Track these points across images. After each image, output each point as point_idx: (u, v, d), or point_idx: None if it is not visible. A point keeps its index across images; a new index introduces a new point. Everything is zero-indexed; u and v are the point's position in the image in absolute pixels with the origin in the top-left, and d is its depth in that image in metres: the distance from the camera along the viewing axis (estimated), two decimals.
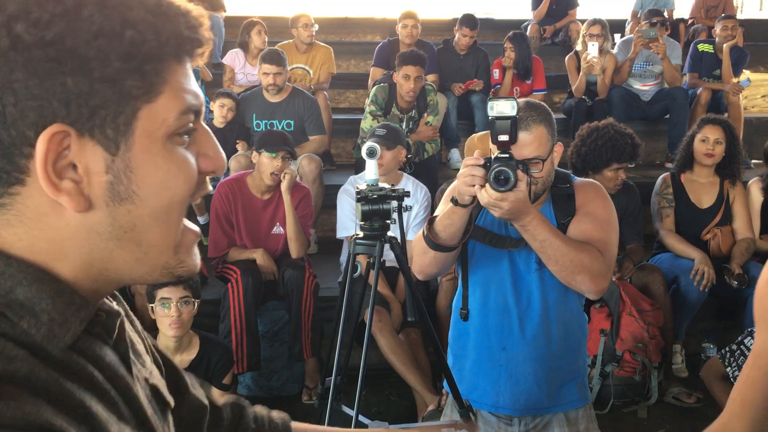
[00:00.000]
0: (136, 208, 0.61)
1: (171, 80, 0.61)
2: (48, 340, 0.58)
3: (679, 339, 3.83)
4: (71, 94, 0.56)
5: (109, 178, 0.59)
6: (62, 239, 0.60)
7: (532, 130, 1.93)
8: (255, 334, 3.47)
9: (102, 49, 0.56)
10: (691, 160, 3.96)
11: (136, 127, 0.60)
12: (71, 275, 0.61)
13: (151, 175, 0.61)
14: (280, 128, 4.85)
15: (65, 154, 0.58)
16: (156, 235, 0.63)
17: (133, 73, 0.59)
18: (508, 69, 5.75)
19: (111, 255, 0.62)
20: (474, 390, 2.13)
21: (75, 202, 0.58)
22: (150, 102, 0.60)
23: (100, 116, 0.58)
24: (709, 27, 6.99)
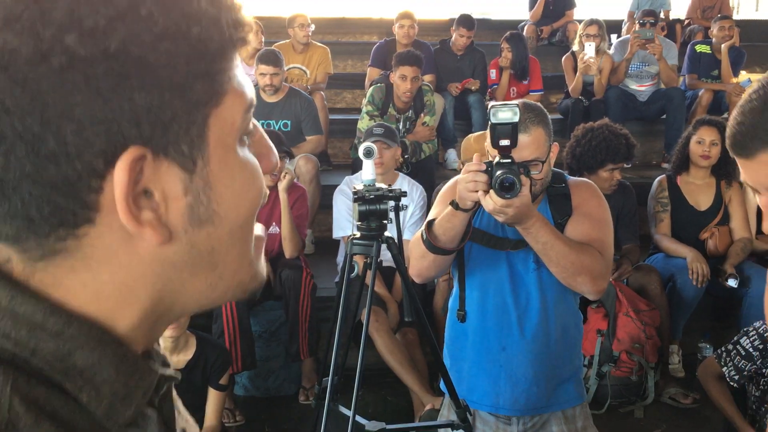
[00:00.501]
0: (216, 230, 0.52)
1: (233, 77, 0.52)
2: (108, 416, 0.49)
3: (676, 339, 3.84)
4: (141, 111, 0.46)
5: (189, 200, 0.50)
6: (133, 280, 0.50)
7: (531, 132, 1.94)
8: (248, 333, 3.46)
9: (169, 53, 0.47)
10: (687, 162, 3.96)
11: (209, 137, 0.50)
12: (137, 320, 0.51)
13: (229, 189, 0.52)
14: (277, 128, 4.85)
15: (141, 181, 0.47)
16: (233, 254, 0.54)
17: (203, 75, 0.49)
18: (505, 69, 5.75)
19: (183, 287, 0.53)
20: (473, 391, 2.13)
21: (158, 234, 0.49)
22: (217, 106, 0.51)
23: (174, 131, 0.48)
24: (705, 27, 7.01)
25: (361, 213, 2.14)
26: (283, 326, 3.74)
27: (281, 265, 3.62)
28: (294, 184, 3.79)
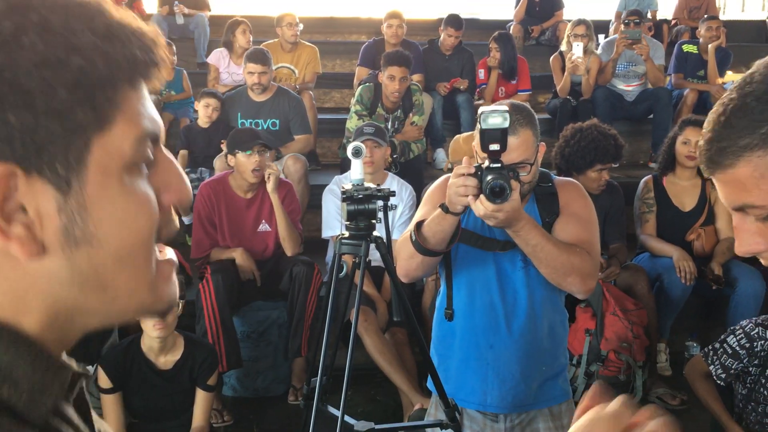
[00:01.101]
0: (96, 252, 0.54)
1: (125, 107, 0.55)
2: (28, 408, 0.53)
3: (663, 337, 3.85)
4: (15, 131, 0.50)
5: (63, 219, 0.53)
6: (23, 291, 0.54)
7: (519, 134, 1.94)
8: (232, 332, 3.45)
9: (46, 80, 0.50)
10: (673, 162, 3.97)
11: (89, 162, 0.53)
12: (38, 330, 0.55)
13: (109, 214, 0.54)
14: (265, 127, 4.83)
15: (14, 196, 0.51)
16: (123, 279, 0.57)
17: (83, 103, 0.52)
18: (494, 69, 5.76)
19: (76, 303, 0.56)
20: (461, 389, 2.14)
21: (26, 248, 0.52)
22: (103, 132, 0.54)
23: (49, 152, 0.51)
24: (692, 28, 7.05)
25: (349, 212, 2.14)
26: (272, 326, 3.73)
27: (291, 261, 3.61)
28: (280, 180, 3.78)
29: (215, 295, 3.39)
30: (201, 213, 3.63)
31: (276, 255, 3.73)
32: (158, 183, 0.59)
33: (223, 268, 3.50)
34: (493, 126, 1.75)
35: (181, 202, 0.62)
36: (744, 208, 0.77)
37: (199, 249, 3.65)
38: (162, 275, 0.60)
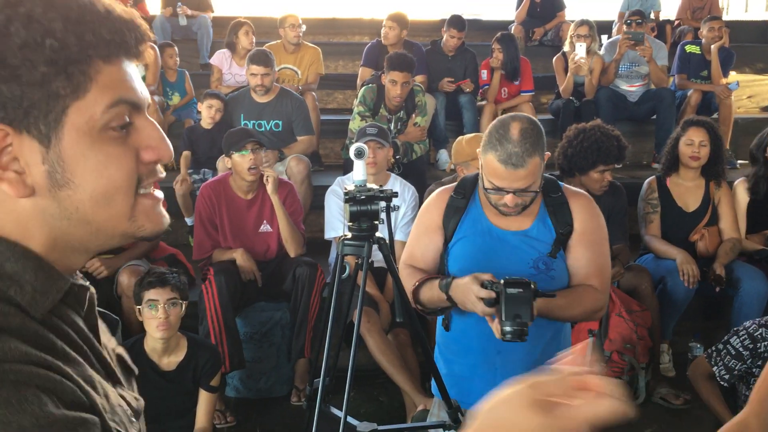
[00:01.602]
0: (75, 193, 0.71)
1: (99, 79, 0.70)
2: (31, 306, 0.68)
3: (666, 338, 3.85)
4: (6, 98, 0.66)
5: (47, 167, 0.69)
6: (25, 220, 0.70)
7: (528, 164, 1.92)
8: (234, 333, 3.45)
9: (28, 58, 0.66)
10: (676, 163, 3.96)
11: (65, 123, 0.69)
12: (42, 251, 0.71)
13: (81, 165, 0.70)
14: (268, 128, 4.84)
15: (8, 150, 0.68)
16: (102, 215, 0.73)
17: (58, 75, 0.68)
18: (496, 70, 5.76)
19: (68, 232, 0.72)
20: (469, 394, 2.14)
21: (15, 189, 0.69)
22: (78, 99, 0.69)
23: (33, 115, 0.68)
24: (695, 28, 7.04)
25: (352, 213, 2.14)
26: (275, 327, 3.72)
27: (294, 262, 3.61)
28: (280, 180, 3.78)
29: (218, 296, 3.39)
30: (202, 214, 3.63)
31: (279, 256, 3.73)
32: (138, 143, 0.74)
33: (226, 269, 3.50)
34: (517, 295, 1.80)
35: (161, 158, 0.76)
36: None
37: (201, 250, 3.66)
38: (142, 209, 0.75)
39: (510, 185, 1.92)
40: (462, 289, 1.90)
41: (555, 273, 2.05)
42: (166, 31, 6.80)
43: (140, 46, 0.73)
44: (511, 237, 2.06)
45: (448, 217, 2.12)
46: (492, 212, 2.06)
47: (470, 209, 2.11)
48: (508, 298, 1.80)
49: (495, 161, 1.91)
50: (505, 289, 1.81)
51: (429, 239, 2.15)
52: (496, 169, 1.92)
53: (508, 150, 1.88)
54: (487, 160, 1.94)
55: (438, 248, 2.14)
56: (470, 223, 2.10)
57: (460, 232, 2.10)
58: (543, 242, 2.06)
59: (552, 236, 2.06)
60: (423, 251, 2.16)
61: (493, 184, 1.96)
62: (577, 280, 2.08)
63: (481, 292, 1.84)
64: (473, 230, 2.09)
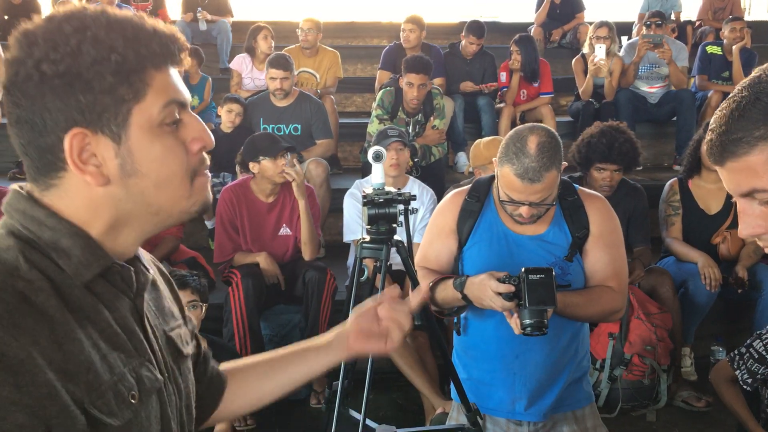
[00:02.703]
0: (141, 181, 0.86)
1: (153, 84, 0.85)
2: (75, 274, 0.83)
3: (688, 342, 3.81)
4: (83, 106, 0.81)
5: (119, 161, 0.84)
6: (96, 206, 0.85)
7: (544, 179, 1.91)
8: (258, 337, 3.47)
9: (98, 71, 0.81)
10: (698, 165, 3.92)
11: (131, 123, 0.84)
12: (104, 230, 0.86)
13: (146, 156, 0.85)
14: (287, 132, 4.86)
15: (88, 148, 0.83)
16: (162, 198, 0.88)
17: (123, 83, 0.82)
18: (515, 72, 5.74)
19: (131, 214, 0.87)
20: (489, 399, 2.13)
21: (95, 179, 0.83)
22: (139, 102, 0.84)
23: (105, 118, 0.83)
24: (716, 29, 6.97)
25: (370, 216, 2.14)
26: (294, 330, 3.74)
27: (306, 266, 3.63)
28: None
29: (245, 299, 3.41)
30: (224, 217, 3.66)
31: (293, 259, 3.74)
32: (186, 135, 0.89)
33: (253, 273, 3.52)
34: (539, 281, 1.81)
35: (206, 146, 0.91)
36: (752, 193, 0.88)
37: (222, 253, 3.68)
38: (197, 186, 0.91)
39: (526, 198, 1.92)
40: (478, 286, 1.89)
41: (571, 277, 2.04)
42: (186, 36, 6.83)
43: (182, 54, 0.89)
44: (527, 241, 2.05)
45: (463, 220, 2.11)
46: (507, 216, 2.06)
47: (485, 213, 2.10)
48: (531, 284, 1.80)
49: (511, 174, 1.90)
50: (526, 276, 1.81)
51: (442, 243, 2.14)
52: (512, 182, 1.91)
53: (525, 164, 1.87)
54: (503, 172, 1.94)
55: (452, 252, 2.14)
56: (485, 228, 2.09)
57: (475, 236, 2.09)
58: (559, 246, 2.05)
59: (568, 240, 2.05)
60: (437, 254, 2.16)
61: (509, 197, 1.95)
62: (595, 283, 2.07)
63: (500, 287, 1.84)
64: (488, 234, 2.08)
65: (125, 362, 0.85)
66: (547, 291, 1.80)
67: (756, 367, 2.72)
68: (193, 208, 0.91)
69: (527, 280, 1.81)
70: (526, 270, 1.82)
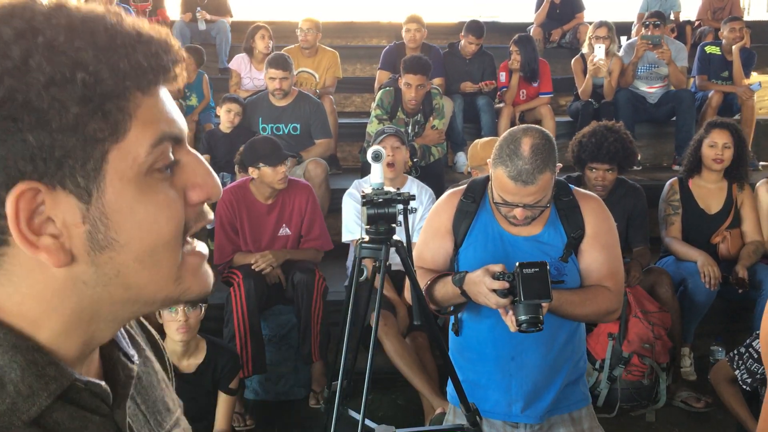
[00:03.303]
0: (118, 255, 0.58)
1: (138, 114, 0.58)
2: (11, 413, 0.55)
3: (688, 342, 3.81)
4: (34, 149, 0.54)
5: (87, 227, 0.57)
6: (50, 294, 0.58)
7: (538, 181, 1.90)
8: (259, 337, 3.47)
9: (56, 98, 0.53)
10: (699, 165, 3.92)
11: (106, 171, 0.57)
12: (61, 329, 0.59)
13: (128, 219, 0.58)
14: (286, 132, 4.86)
15: (41, 210, 0.55)
16: (144, 277, 0.61)
17: (94, 115, 0.55)
18: (515, 72, 5.74)
19: (100, 300, 0.60)
20: (485, 401, 2.13)
21: (55, 257, 0.56)
22: (118, 141, 0.57)
23: (68, 166, 0.55)
24: (716, 29, 6.97)
25: (369, 216, 2.14)
26: (293, 330, 3.74)
27: (294, 268, 3.63)
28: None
29: (246, 300, 3.41)
30: (223, 218, 3.65)
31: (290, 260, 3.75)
32: (184, 182, 0.62)
33: (254, 274, 3.52)
34: (534, 274, 1.80)
35: (210, 197, 0.64)
36: None
37: (222, 254, 3.68)
38: (189, 268, 0.63)
39: (520, 200, 1.92)
40: (474, 282, 1.89)
41: (567, 278, 2.04)
42: (185, 36, 6.86)
43: (176, 68, 0.61)
44: (522, 242, 2.05)
45: (459, 221, 2.11)
46: (502, 217, 2.06)
47: (480, 214, 2.10)
48: (525, 278, 1.79)
49: (505, 177, 1.90)
50: (521, 270, 1.81)
51: (438, 243, 2.14)
52: (505, 184, 1.91)
53: (519, 167, 1.87)
54: (497, 174, 1.94)
55: (448, 252, 2.14)
56: (481, 228, 2.09)
57: (470, 236, 2.09)
58: (554, 247, 2.05)
59: (563, 241, 2.05)
60: (433, 254, 2.16)
61: (503, 199, 1.95)
62: (590, 283, 2.07)
63: (494, 283, 1.83)
64: (484, 235, 2.08)
65: None
66: (542, 285, 1.79)
67: (755, 367, 2.72)
68: (186, 295, 0.64)
69: (522, 274, 1.80)
70: (520, 264, 1.82)
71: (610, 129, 3.59)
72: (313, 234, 3.77)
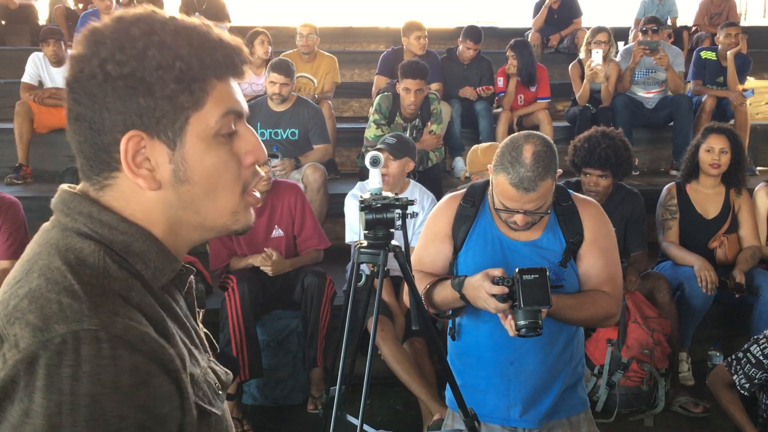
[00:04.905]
0: (192, 188, 0.85)
1: (213, 94, 0.84)
2: (152, 279, 0.85)
3: (685, 346, 3.81)
4: (143, 109, 0.81)
5: (172, 166, 0.84)
6: (150, 209, 0.85)
7: (539, 188, 1.91)
8: (255, 342, 3.46)
9: (161, 77, 0.80)
10: (696, 170, 3.93)
11: (188, 130, 0.83)
12: (161, 235, 0.86)
13: (199, 165, 0.85)
14: (285, 137, 4.86)
15: (143, 152, 0.82)
16: (210, 207, 0.87)
17: (184, 91, 0.82)
18: (512, 77, 5.75)
19: (181, 220, 0.87)
20: (484, 406, 2.13)
21: (147, 182, 0.83)
22: (198, 111, 0.84)
23: (163, 123, 0.82)
24: (712, 34, 7.00)
25: (368, 221, 2.14)
26: (291, 335, 3.73)
27: (305, 271, 3.62)
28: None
29: (241, 304, 3.41)
30: None
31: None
32: (240, 147, 0.88)
33: (248, 278, 3.52)
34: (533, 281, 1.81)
35: (258, 159, 0.90)
36: None
37: (218, 260, 3.68)
38: (245, 205, 0.90)
39: (521, 207, 1.92)
40: (473, 287, 1.89)
41: (565, 282, 2.04)
42: None
43: (244, 66, 0.88)
44: (522, 247, 2.05)
45: (458, 225, 2.11)
46: (501, 222, 2.06)
47: (480, 218, 2.11)
48: (525, 285, 1.80)
49: (506, 183, 1.91)
50: (520, 276, 1.81)
51: (438, 248, 2.15)
52: (507, 191, 1.92)
53: (521, 174, 1.88)
54: (498, 180, 1.94)
55: (447, 256, 2.14)
56: (480, 233, 2.09)
57: (470, 241, 2.09)
58: (553, 252, 2.05)
59: (562, 246, 2.05)
60: (432, 259, 2.16)
61: (504, 205, 1.95)
62: (589, 288, 2.07)
63: (493, 288, 1.83)
64: (483, 240, 2.08)
65: (201, 357, 0.89)
66: (542, 291, 1.80)
67: (753, 372, 2.72)
68: (235, 225, 0.90)
69: (521, 280, 1.80)
70: (520, 270, 1.82)
71: (605, 135, 3.59)
72: (306, 233, 3.76)
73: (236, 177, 0.87)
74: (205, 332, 0.99)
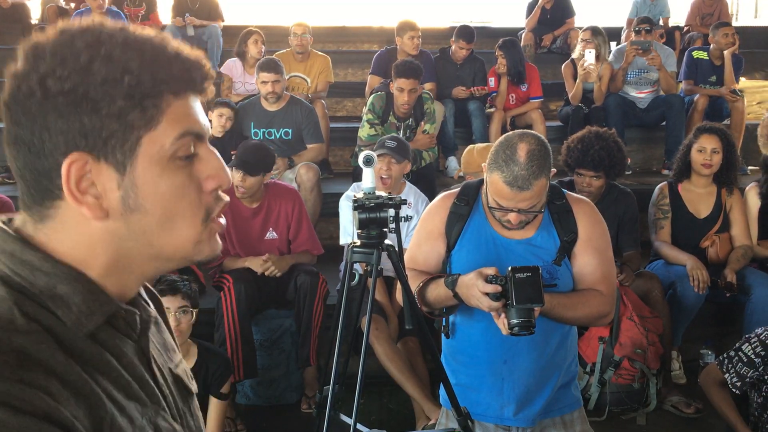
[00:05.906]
0: (144, 217, 0.76)
1: (169, 112, 0.76)
2: (76, 326, 0.74)
3: (676, 345, 3.83)
4: (87, 129, 0.73)
5: (121, 193, 0.75)
6: (93, 242, 0.76)
7: (533, 186, 1.91)
8: (250, 342, 3.46)
9: (107, 92, 0.72)
10: (688, 169, 3.95)
11: (139, 152, 0.75)
12: (103, 272, 0.77)
13: (152, 192, 0.76)
14: (278, 137, 4.86)
15: (88, 176, 0.74)
16: (166, 238, 0.78)
17: (134, 108, 0.74)
18: (503, 76, 5.77)
19: (130, 253, 0.78)
20: (477, 405, 2.13)
21: (92, 212, 0.74)
22: (151, 130, 0.75)
23: (111, 144, 0.74)
24: (704, 34, 7.03)
25: (361, 221, 2.14)
26: (285, 334, 3.73)
27: (296, 270, 3.63)
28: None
29: (237, 304, 3.41)
30: None
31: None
32: (201, 172, 0.79)
33: (244, 278, 3.52)
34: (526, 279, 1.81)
35: (221, 185, 0.81)
36: None
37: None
38: (208, 234, 0.81)
39: (515, 205, 1.93)
40: (467, 285, 1.89)
41: (559, 281, 2.05)
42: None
43: (205, 83, 0.80)
44: (515, 245, 2.06)
45: (451, 224, 2.11)
46: (495, 221, 2.07)
47: (473, 217, 2.11)
48: (517, 283, 1.80)
49: (500, 182, 1.91)
50: (513, 275, 1.81)
51: (431, 246, 2.15)
52: (501, 189, 1.92)
53: (515, 172, 1.88)
54: (492, 179, 1.94)
55: (440, 255, 2.14)
56: (473, 231, 2.10)
57: (463, 239, 2.10)
58: (547, 250, 2.06)
59: (556, 244, 2.06)
60: (425, 257, 2.16)
61: (498, 203, 1.96)
62: (583, 287, 2.08)
63: (487, 287, 1.84)
64: (476, 238, 2.09)
65: (142, 413, 0.78)
66: (534, 289, 1.80)
67: (745, 371, 2.74)
68: (198, 256, 0.81)
69: (514, 278, 1.81)
70: (512, 269, 1.82)
71: (598, 136, 3.60)
72: (301, 239, 3.77)
73: (196, 204, 0.79)
74: (177, 375, 0.90)
